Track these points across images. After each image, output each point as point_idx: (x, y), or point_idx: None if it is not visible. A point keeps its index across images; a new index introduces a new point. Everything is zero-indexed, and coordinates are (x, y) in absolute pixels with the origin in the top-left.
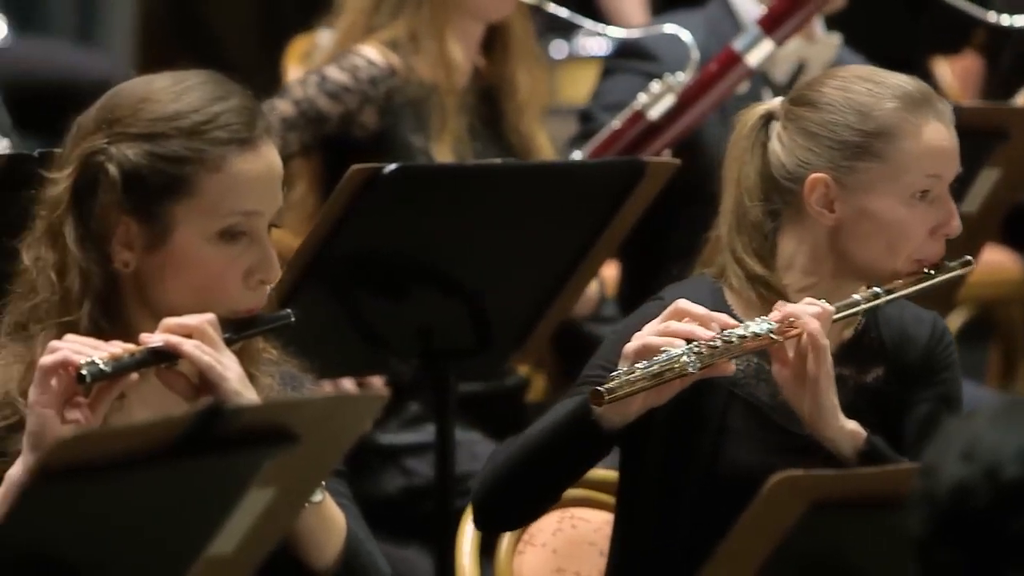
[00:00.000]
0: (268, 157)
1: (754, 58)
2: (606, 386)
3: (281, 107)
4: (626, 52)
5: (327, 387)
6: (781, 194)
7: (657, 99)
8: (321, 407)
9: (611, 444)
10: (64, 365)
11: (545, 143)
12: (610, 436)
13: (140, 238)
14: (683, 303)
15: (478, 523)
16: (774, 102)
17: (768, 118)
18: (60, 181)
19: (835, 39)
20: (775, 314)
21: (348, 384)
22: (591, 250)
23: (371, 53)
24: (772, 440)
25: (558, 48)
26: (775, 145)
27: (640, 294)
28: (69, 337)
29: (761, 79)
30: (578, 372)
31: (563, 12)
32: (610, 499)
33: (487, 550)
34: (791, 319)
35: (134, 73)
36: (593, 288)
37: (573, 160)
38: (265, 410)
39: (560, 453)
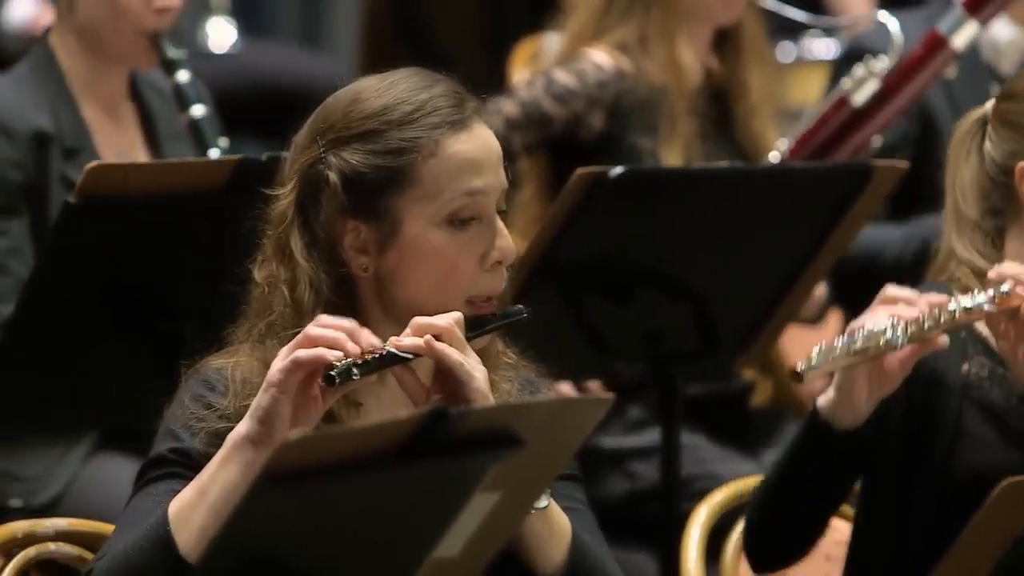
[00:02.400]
0: (482, 137)
1: (959, 40)
2: (801, 361)
3: (506, 108)
4: (857, 54)
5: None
6: (998, 190)
7: (860, 84)
8: (546, 410)
9: (853, 452)
10: (318, 363)
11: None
12: (849, 441)
13: (372, 239)
14: (891, 289)
15: (756, 568)
16: (987, 105)
17: (984, 121)
18: (283, 197)
19: None
20: (990, 281)
21: (567, 388)
22: (818, 254)
23: (599, 56)
24: (1010, 442)
25: (785, 51)
26: (987, 144)
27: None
28: (324, 320)
29: (988, 73)
30: None
31: (789, 10)
32: None
33: (713, 554)
34: (1006, 287)
35: (359, 76)
36: (820, 291)
37: (800, 163)
38: (490, 413)
39: (803, 470)
